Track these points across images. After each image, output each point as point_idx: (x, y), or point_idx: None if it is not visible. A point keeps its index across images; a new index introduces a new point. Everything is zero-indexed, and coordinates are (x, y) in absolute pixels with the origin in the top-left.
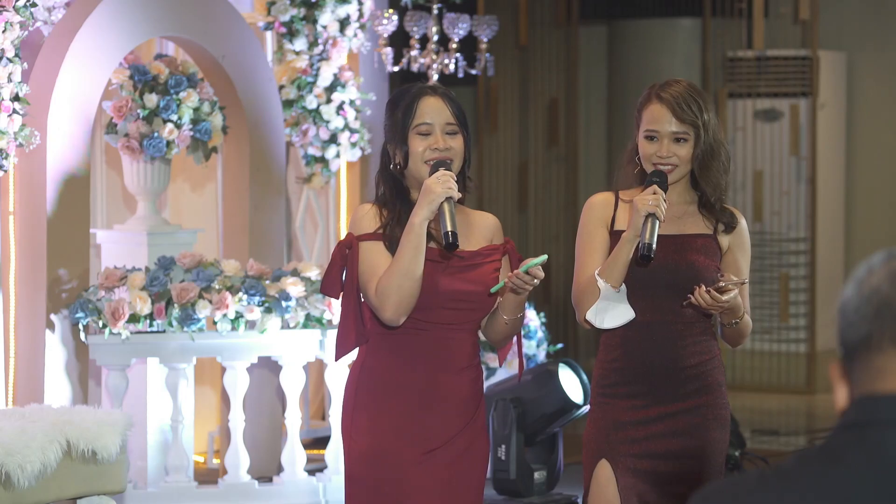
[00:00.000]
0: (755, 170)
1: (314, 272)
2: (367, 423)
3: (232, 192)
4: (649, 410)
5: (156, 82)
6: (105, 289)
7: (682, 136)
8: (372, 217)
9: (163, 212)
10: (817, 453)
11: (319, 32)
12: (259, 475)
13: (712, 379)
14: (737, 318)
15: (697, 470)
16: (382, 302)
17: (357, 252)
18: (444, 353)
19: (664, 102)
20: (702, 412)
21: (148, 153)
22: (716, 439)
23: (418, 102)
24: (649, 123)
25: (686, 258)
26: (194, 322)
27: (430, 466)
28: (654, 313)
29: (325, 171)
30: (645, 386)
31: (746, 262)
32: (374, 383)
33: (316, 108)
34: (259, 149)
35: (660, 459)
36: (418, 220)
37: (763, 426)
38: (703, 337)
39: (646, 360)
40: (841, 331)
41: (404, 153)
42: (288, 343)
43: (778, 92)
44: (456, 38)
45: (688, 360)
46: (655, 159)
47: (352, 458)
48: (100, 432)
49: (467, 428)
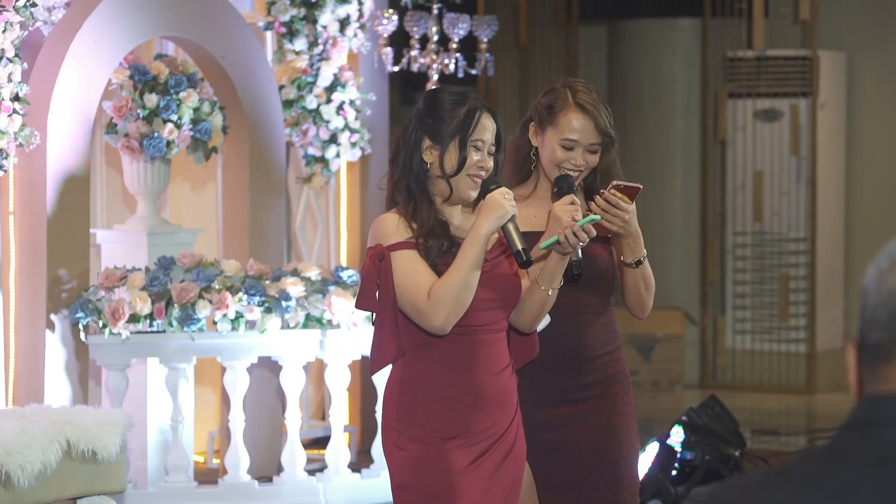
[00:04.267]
0: (755, 170)
1: (314, 272)
2: (415, 432)
3: (232, 192)
4: (557, 409)
5: (156, 82)
6: (105, 289)
7: (596, 147)
8: (403, 228)
9: (163, 212)
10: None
11: (319, 32)
12: (259, 475)
13: (617, 369)
14: (640, 253)
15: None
16: (436, 310)
17: (390, 262)
18: (482, 356)
19: (586, 113)
20: (609, 399)
21: (148, 153)
22: (626, 422)
23: (481, 116)
24: (569, 132)
25: (588, 249)
26: (194, 322)
27: (479, 473)
28: (561, 307)
29: (325, 171)
30: (553, 377)
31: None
32: (417, 396)
33: (316, 108)
34: (259, 149)
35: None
36: (484, 232)
37: (763, 426)
38: (609, 327)
39: (555, 349)
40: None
41: (461, 161)
42: (288, 343)
43: (778, 92)
44: (456, 38)
45: (594, 350)
46: (568, 165)
47: (400, 467)
48: (100, 432)
49: (510, 429)
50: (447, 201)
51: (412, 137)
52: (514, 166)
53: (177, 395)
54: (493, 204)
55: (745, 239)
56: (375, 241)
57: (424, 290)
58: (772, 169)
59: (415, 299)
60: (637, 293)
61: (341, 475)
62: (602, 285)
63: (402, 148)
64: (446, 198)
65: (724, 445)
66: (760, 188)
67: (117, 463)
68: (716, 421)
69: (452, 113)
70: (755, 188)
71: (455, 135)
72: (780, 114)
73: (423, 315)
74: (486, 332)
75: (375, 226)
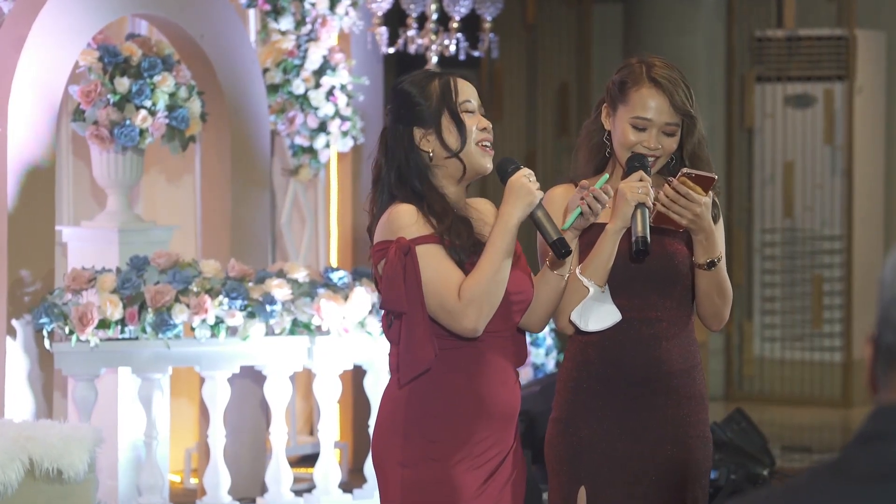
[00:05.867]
0: (785, 161)
1: (301, 273)
2: (425, 448)
3: (211, 186)
4: (624, 427)
5: (128, 65)
6: (72, 291)
7: (672, 129)
8: (421, 219)
9: (135, 207)
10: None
11: (307, 10)
12: (241, 496)
13: (695, 390)
14: (714, 254)
15: (679, 494)
16: (468, 310)
17: (416, 257)
18: (497, 365)
19: (660, 88)
20: (683, 428)
21: (119, 142)
22: (698, 460)
23: (455, 81)
24: (641, 110)
25: (666, 247)
26: (170, 328)
27: (487, 495)
28: (633, 310)
29: (313, 162)
30: (621, 392)
31: (722, 239)
32: (427, 408)
33: (303, 93)
34: (241, 138)
35: (639, 485)
36: (515, 221)
37: (795, 442)
38: (688, 340)
39: (624, 362)
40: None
41: (460, 132)
42: (273, 351)
43: (811, 75)
44: (457, 17)
45: (671, 366)
46: (640, 149)
47: (403, 487)
48: (66, 449)
49: (515, 446)
50: (461, 181)
51: (402, 139)
52: (587, 154)
53: (151, 409)
54: (519, 189)
55: (774, 237)
56: (393, 233)
57: (454, 288)
58: (804, 160)
59: (445, 299)
60: (710, 301)
61: (331, 496)
62: (680, 287)
63: (391, 158)
64: (460, 178)
65: (751, 464)
66: (791, 181)
67: (85, 483)
68: (742, 437)
69: (426, 92)
70: (785, 181)
71: (442, 109)
72: (813, 99)
73: (454, 316)
74: (498, 337)
75: (390, 217)
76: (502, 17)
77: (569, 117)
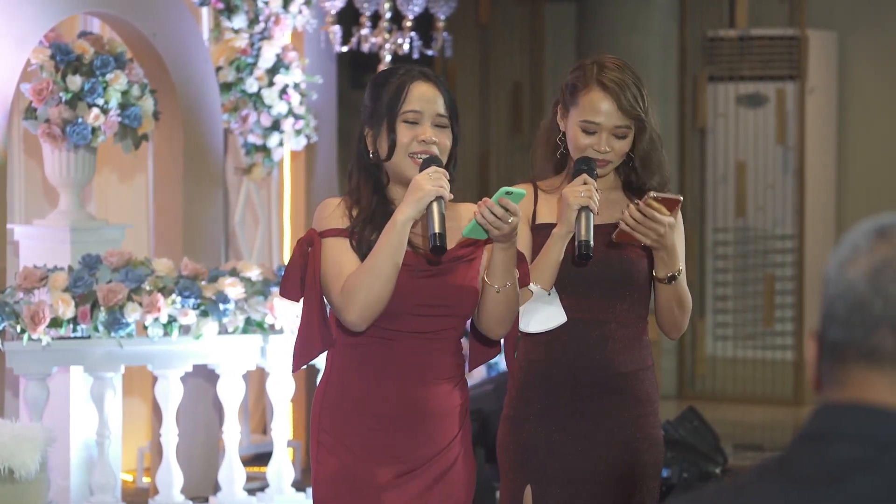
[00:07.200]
0: (738, 160)
1: (255, 272)
2: (333, 443)
3: (164, 184)
4: (570, 427)
5: (80, 63)
6: (24, 290)
7: (623, 131)
8: (340, 214)
9: (87, 205)
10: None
11: (260, 9)
12: (194, 495)
13: (644, 392)
14: (674, 269)
15: (627, 496)
16: (347, 303)
17: (319, 249)
18: (416, 366)
19: (608, 92)
20: (631, 430)
21: (71, 141)
22: (646, 463)
23: (409, 87)
24: (590, 114)
25: (622, 251)
26: (122, 327)
27: (406, 490)
28: (582, 311)
29: (266, 161)
30: (567, 392)
31: (682, 246)
32: (339, 401)
33: (257, 91)
34: (194, 136)
35: (585, 484)
36: (402, 219)
37: (746, 441)
38: (639, 343)
39: (570, 362)
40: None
41: (391, 142)
42: (226, 350)
43: (763, 75)
44: (410, 16)
45: (619, 367)
46: (590, 153)
47: (318, 482)
48: (17, 448)
49: (449, 447)
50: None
51: (358, 131)
52: (545, 154)
53: (103, 408)
54: (413, 186)
55: (726, 236)
56: (315, 224)
57: (342, 282)
58: (756, 159)
59: (331, 292)
60: (670, 312)
61: (284, 494)
62: (634, 289)
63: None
64: (399, 180)
65: (703, 462)
66: (743, 180)
67: (36, 482)
68: (694, 435)
69: (379, 92)
70: (738, 180)
71: (385, 115)
72: (765, 99)
73: (337, 309)
74: (427, 339)
75: (317, 210)
76: (456, 17)
77: (522, 116)
